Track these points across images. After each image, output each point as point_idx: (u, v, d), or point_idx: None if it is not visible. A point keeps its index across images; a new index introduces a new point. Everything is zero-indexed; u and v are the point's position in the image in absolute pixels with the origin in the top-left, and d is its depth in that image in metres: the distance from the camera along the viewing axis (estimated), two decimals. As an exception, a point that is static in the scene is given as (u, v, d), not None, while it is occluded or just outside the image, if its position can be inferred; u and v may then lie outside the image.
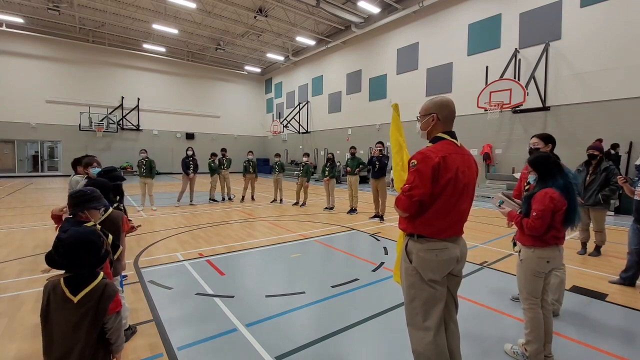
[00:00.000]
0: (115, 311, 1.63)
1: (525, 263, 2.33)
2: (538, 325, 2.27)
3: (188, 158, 9.48)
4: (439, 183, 1.72)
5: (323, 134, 21.57)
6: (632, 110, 9.28)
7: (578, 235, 5.23)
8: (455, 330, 1.94)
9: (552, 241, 2.27)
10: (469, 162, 1.85)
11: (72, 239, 1.54)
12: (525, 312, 2.34)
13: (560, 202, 2.18)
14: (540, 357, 2.27)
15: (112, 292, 1.60)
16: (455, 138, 1.86)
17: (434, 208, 1.75)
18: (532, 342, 2.28)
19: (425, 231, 1.79)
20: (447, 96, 2.03)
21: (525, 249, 2.33)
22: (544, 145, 3.06)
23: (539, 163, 2.33)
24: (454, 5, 13.70)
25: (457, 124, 1.90)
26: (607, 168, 4.66)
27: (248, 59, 25.38)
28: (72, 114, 20.17)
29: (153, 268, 4.29)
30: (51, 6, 16.13)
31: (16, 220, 7.26)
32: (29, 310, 3.09)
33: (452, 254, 1.80)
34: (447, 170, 1.72)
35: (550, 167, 2.29)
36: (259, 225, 7.02)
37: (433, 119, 1.87)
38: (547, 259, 2.28)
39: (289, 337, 2.67)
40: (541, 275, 2.31)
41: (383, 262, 4.60)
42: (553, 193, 2.19)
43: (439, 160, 1.70)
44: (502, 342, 2.58)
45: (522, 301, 2.38)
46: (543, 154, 2.42)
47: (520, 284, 2.38)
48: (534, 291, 2.31)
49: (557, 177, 2.25)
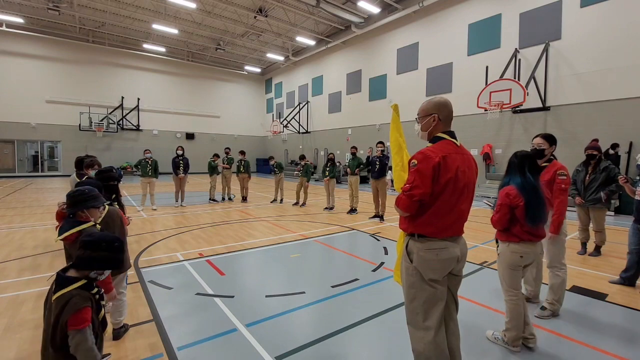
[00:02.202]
0: (74, 328, 1.45)
1: (501, 257, 2.55)
2: (518, 315, 2.46)
3: (178, 158, 9.32)
4: (439, 182, 1.72)
5: (323, 134, 21.57)
6: (632, 110, 9.28)
7: (578, 235, 5.23)
8: (456, 330, 1.95)
9: (526, 237, 2.44)
10: (469, 162, 1.86)
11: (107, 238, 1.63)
12: (507, 303, 2.53)
13: (517, 198, 2.36)
14: (518, 343, 2.48)
15: (73, 305, 1.48)
16: (454, 138, 1.87)
17: (434, 208, 1.76)
18: (511, 329, 2.48)
19: (425, 231, 1.79)
20: (445, 96, 2.05)
21: (501, 244, 2.55)
22: (549, 146, 3.02)
23: (511, 161, 2.53)
24: (454, 5, 13.70)
25: (457, 124, 1.92)
26: (607, 167, 4.67)
27: (248, 59, 25.38)
28: (72, 114, 20.17)
29: (153, 268, 4.29)
30: (51, 6, 16.13)
31: (16, 220, 7.26)
32: (29, 310, 3.09)
33: (453, 254, 1.81)
34: (447, 170, 1.72)
35: (512, 166, 2.50)
36: (259, 225, 7.02)
37: (434, 120, 1.87)
38: (521, 254, 2.45)
39: (289, 337, 2.67)
40: (517, 268, 2.50)
41: (383, 262, 4.60)
42: (510, 190, 2.40)
43: (439, 160, 1.71)
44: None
45: (503, 292, 2.57)
46: (521, 152, 2.53)
47: (500, 277, 2.60)
48: (513, 283, 2.51)
49: (515, 175, 2.44)
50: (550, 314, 3.02)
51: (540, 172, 2.59)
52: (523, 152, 2.54)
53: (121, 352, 2.45)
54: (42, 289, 3.59)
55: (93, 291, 1.60)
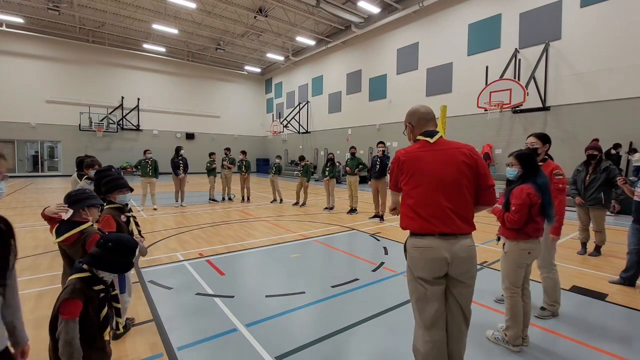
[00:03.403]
0: (61, 316, 1.46)
1: (509, 255, 2.54)
2: (518, 313, 2.48)
3: (178, 157, 9.29)
4: (406, 175, 1.89)
5: (323, 134, 21.57)
6: (632, 110, 9.27)
7: (578, 235, 5.23)
8: (461, 338, 1.85)
9: (534, 234, 2.46)
10: (448, 156, 1.81)
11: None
12: (507, 300, 2.54)
13: (535, 196, 2.38)
14: (519, 341, 2.48)
15: (66, 293, 1.50)
16: (429, 136, 1.92)
17: (413, 200, 1.84)
18: (512, 327, 2.48)
19: (410, 226, 1.86)
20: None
21: (509, 242, 2.53)
22: (542, 145, 2.96)
23: (526, 159, 2.50)
24: (454, 5, 13.70)
25: (457, 124, 1.95)
26: (607, 167, 4.67)
27: (248, 59, 25.38)
28: (72, 114, 20.17)
29: (153, 268, 4.29)
30: (51, 6, 16.13)
31: (16, 220, 7.26)
32: (29, 310, 3.09)
33: (438, 254, 1.74)
34: (411, 165, 1.87)
35: (536, 165, 2.49)
36: (258, 225, 7.02)
37: (409, 128, 2.08)
38: (529, 250, 2.47)
39: (289, 337, 2.67)
40: (523, 265, 2.52)
41: (383, 262, 4.60)
42: (529, 189, 2.39)
43: (403, 158, 1.90)
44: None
45: (504, 290, 2.58)
46: (528, 150, 2.58)
47: (503, 274, 2.59)
48: (516, 281, 2.52)
49: (537, 175, 2.45)
50: (550, 314, 3.03)
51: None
52: (525, 150, 2.55)
53: (121, 352, 2.45)
54: (42, 289, 3.59)
55: (96, 287, 1.60)
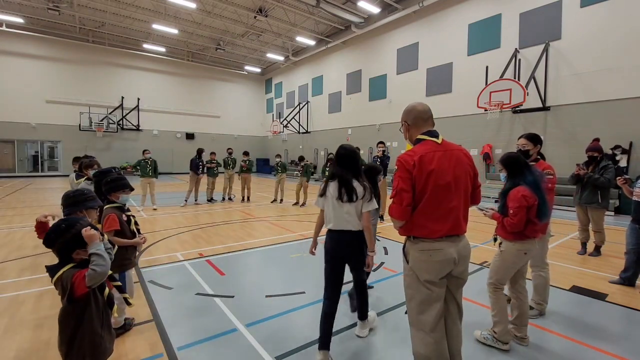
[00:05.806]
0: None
1: (505, 254, 2.55)
2: (503, 306, 2.53)
3: (199, 159, 9.78)
4: (420, 181, 1.74)
5: (323, 134, 21.55)
6: (632, 110, 9.27)
7: (578, 235, 5.23)
8: (458, 333, 1.91)
9: (531, 234, 2.47)
10: (455, 157, 1.82)
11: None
12: (490, 296, 2.59)
13: (532, 197, 2.37)
14: (507, 336, 2.51)
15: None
16: (435, 136, 1.86)
17: (420, 208, 1.76)
18: (499, 322, 2.52)
19: (418, 232, 1.79)
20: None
21: (507, 242, 2.54)
22: (533, 146, 3.01)
23: (509, 163, 2.53)
24: (454, 5, 13.70)
25: (457, 124, 1.93)
26: (606, 166, 4.70)
27: (248, 59, 25.37)
28: (72, 114, 20.16)
29: (153, 268, 4.30)
30: (51, 6, 16.13)
31: (16, 220, 7.26)
32: (29, 310, 3.09)
33: (448, 255, 1.77)
34: (424, 168, 1.73)
35: (520, 166, 2.48)
36: (259, 225, 7.02)
37: (405, 126, 1.98)
38: (525, 251, 2.49)
39: (289, 337, 2.67)
40: (517, 266, 2.54)
41: (383, 262, 4.60)
42: (524, 191, 2.38)
43: (414, 162, 1.75)
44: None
45: (488, 285, 2.62)
46: (512, 153, 2.58)
47: (492, 270, 2.62)
48: (503, 279, 2.57)
49: (526, 175, 2.44)
50: (537, 313, 3.05)
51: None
52: (514, 153, 2.58)
53: (121, 352, 2.45)
54: (42, 289, 3.60)
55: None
